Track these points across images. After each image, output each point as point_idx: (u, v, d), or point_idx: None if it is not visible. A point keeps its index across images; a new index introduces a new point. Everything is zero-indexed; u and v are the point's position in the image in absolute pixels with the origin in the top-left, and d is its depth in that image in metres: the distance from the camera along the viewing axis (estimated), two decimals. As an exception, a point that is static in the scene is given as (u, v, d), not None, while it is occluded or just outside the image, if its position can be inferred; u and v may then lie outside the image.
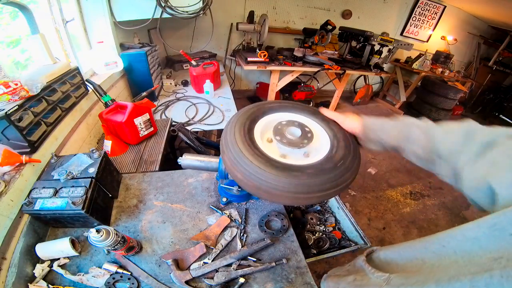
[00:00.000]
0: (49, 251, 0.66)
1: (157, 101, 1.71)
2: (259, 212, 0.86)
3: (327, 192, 0.53)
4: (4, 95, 0.71)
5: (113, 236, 0.57)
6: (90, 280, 0.63)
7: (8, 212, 0.64)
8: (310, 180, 0.52)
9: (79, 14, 1.40)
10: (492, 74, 4.74)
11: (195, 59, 1.93)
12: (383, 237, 1.96)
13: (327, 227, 1.16)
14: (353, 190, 2.37)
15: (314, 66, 2.77)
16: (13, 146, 0.72)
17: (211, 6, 1.84)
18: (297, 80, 3.16)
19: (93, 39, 1.51)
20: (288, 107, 0.72)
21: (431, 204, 2.39)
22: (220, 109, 1.64)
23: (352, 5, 3.49)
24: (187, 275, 0.65)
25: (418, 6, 3.81)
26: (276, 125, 0.64)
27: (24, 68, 1.07)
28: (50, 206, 0.65)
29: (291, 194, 0.52)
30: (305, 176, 0.52)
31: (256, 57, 2.56)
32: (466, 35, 4.46)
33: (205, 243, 0.73)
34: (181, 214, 0.82)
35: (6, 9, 0.98)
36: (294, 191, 0.51)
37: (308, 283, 0.66)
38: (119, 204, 0.84)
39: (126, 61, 1.52)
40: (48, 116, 0.88)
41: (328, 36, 3.01)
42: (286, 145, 0.59)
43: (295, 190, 0.51)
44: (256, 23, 2.75)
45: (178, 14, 1.64)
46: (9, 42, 1.02)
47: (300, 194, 0.52)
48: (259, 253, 0.73)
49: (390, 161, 2.86)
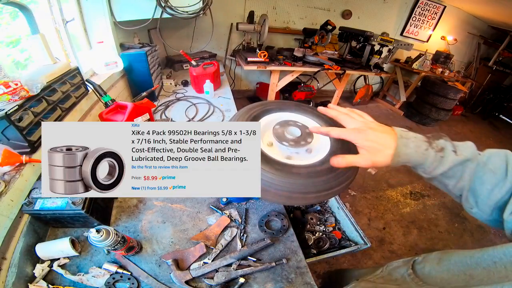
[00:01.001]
0: (49, 251, 0.66)
1: (157, 101, 1.70)
2: (259, 212, 0.86)
3: (325, 193, 0.53)
4: (4, 95, 0.71)
5: (113, 236, 0.57)
6: (90, 280, 0.63)
7: (8, 212, 0.64)
8: (307, 181, 0.52)
9: (79, 14, 1.40)
10: (492, 74, 4.74)
11: (195, 59, 1.93)
12: (383, 237, 1.96)
13: (327, 227, 1.16)
14: (353, 190, 2.37)
15: (314, 66, 2.77)
16: (13, 146, 0.72)
17: (211, 6, 1.84)
18: (297, 80, 3.16)
19: (93, 39, 1.51)
20: (288, 108, 0.72)
21: (431, 204, 2.39)
22: (220, 109, 1.64)
23: (352, 5, 3.49)
24: (187, 275, 0.65)
25: (418, 6, 3.82)
26: (275, 126, 0.64)
27: (24, 68, 1.07)
28: (50, 206, 0.65)
29: (291, 194, 0.52)
30: (303, 176, 0.52)
31: (256, 57, 2.56)
32: (466, 35, 4.47)
33: (205, 243, 0.73)
34: (181, 214, 0.82)
35: (6, 9, 0.98)
36: (292, 191, 0.51)
37: (308, 283, 0.67)
38: (119, 204, 0.84)
39: (126, 61, 1.52)
40: (48, 116, 0.88)
41: (328, 36, 3.01)
42: (287, 145, 0.59)
43: (292, 190, 0.51)
44: (256, 23, 2.75)
45: (178, 14, 1.64)
46: (8, 42, 1.02)
47: (297, 194, 0.52)
48: (259, 253, 0.73)
49: (390, 161, 2.85)
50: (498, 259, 0.33)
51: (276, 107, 0.70)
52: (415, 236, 2.03)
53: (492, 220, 0.43)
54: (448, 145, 0.44)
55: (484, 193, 0.42)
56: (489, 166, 0.42)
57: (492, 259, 0.34)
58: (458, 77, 4.09)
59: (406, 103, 4.22)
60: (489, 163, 0.42)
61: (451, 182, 0.46)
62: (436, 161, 0.44)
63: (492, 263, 0.34)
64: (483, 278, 0.34)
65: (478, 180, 0.43)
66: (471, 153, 0.43)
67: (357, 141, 0.46)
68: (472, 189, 0.44)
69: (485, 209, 0.42)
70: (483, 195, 0.42)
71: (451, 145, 0.44)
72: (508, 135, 4.34)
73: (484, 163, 0.43)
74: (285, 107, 0.71)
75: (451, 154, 0.43)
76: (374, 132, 0.45)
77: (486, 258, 0.35)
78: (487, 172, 0.42)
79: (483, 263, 0.35)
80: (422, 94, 3.96)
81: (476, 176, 0.43)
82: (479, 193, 0.43)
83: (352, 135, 0.47)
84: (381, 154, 0.45)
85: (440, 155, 0.43)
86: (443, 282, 0.40)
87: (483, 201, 0.42)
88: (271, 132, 0.63)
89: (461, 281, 0.37)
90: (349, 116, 0.50)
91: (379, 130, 0.46)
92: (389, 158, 0.44)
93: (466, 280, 0.36)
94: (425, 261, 0.47)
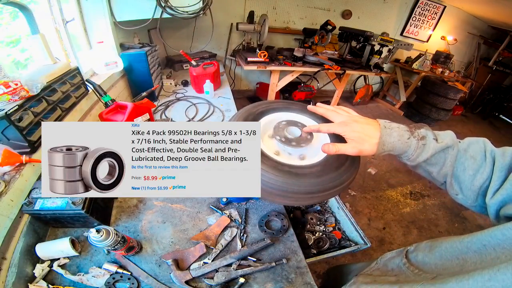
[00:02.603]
0: (49, 251, 0.66)
1: (157, 101, 1.70)
2: (259, 212, 0.86)
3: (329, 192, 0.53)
4: (4, 95, 0.71)
5: (113, 236, 0.57)
6: (90, 280, 0.63)
7: (8, 212, 0.64)
8: (312, 181, 0.52)
9: (79, 14, 1.40)
10: (492, 74, 4.74)
11: (195, 59, 1.93)
12: (383, 237, 1.96)
13: (327, 227, 1.16)
14: (353, 190, 2.37)
15: (314, 66, 2.77)
16: (13, 146, 0.72)
17: (211, 6, 1.84)
18: (297, 80, 3.16)
19: (93, 39, 1.51)
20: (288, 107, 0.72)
21: (431, 204, 2.39)
22: (220, 109, 1.64)
23: (352, 5, 3.49)
24: (187, 275, 0.65)
25: (418, 6, 3.82)
26: (276, 125, 0.64)
27: (24, 68, 1.07)
28: (50, 206, 0.65)
29: (291, 194, 0.52)
30: (308, 177, 0.52)
31: (256, 57, 2.56)
32: (466, 35, 4.47)
33: (205, 243, 0.73)
34: (181, 214, 0.82)
35: (6, 9, 0.98)
36: (292, 191, 0.51)
37: (308, 283, 0.67)
38: (119, 204, 0.84)
39: (126, 61, 1.52)
40: (48, 116, 0.88)
41: (328, 36, 3.01)
42: (288, 145, 0.59)
43: (293, 190, 0.51)
44: (256, 23, 2.75)
45: (178, 14, 1.64)
46: (9, 42, 1.02)
47: (298, 194, 0.52)
48: (259, 253, 0.73)
49: (390, 161, 2.86)
50: (486, 242, 0.35)
51: (270, 108, 0.69)
52: (415, 236, 2.03)
53: (478, 206, 0.46)
54: (429, 133, 0.48)
55: (467, 179, 0.45)
56: (470, 153, 0.45)
57: (481, 242, 0.35)
58: (458, 77, 4.09)
59: (406, 103, 4.22)
60: (469, 150, 0.45)
61: (434, 169, 0.49)
62: (419, 148, 0.47)
63: (482, 246, 0.35)
64: (476, 261, 0.35)
65: (460, 166, 0.45)
66: (451, 141, 0.47)
67: (344, 133, 0.50)
68: (455, 176, 0.47)
69: (470, 195, 0.45)
70: (467, 181, 0.45)
71: (432, 133, 0.48)
72: (508, 135, 4.34)
73: (464, 150, 0.46)
74: (278, 107, 0.70)
75: (432, 142, 0.46)
76: (359, 124, 0.50)
77: (475, 242, 0.36)
78: (468, 159, 0.45)
79: (473, 247, 0.36)
80: (422, 94, 3.96)
81: (458, 163, 0.46)
82: (462, 179, 0.45)
83: (339, 128, 0.51)
84: (367, 143, 0.48)
85: (422, 143, 0.47)
86: (438, 269, 0.40)
87: (467, 187, 0.45)
88: (272, 133, 0.62)
89: (455, 265, 0.38)
90: (336, 112, 0.55)
91: (363, 122, 0.50)
92: (374, 147, 0.48)
93: (460, 265, 0.37)
94: (417, 250, 0.49)
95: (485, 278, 0.29)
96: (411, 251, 0.50)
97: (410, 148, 0.47)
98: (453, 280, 0.32)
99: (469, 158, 0.45)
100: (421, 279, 0.40)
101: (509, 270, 0.27)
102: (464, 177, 0.45)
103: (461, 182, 0.46)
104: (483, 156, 0.44)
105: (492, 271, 0.29)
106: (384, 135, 0.48)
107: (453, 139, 0.47)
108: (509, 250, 0.32)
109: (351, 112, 0.56)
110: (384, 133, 0.48)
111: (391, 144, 0.48)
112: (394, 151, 0.49)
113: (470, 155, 0.45)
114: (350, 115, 0.54)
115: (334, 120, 0.54)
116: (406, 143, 0.47)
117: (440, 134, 0.48)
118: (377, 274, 0.55)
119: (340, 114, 0.54)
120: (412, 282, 0.40)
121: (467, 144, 0.46)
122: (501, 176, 0.41)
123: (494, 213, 0.41)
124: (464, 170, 0.45)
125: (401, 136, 0.47)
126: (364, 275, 0.59)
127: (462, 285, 0.31)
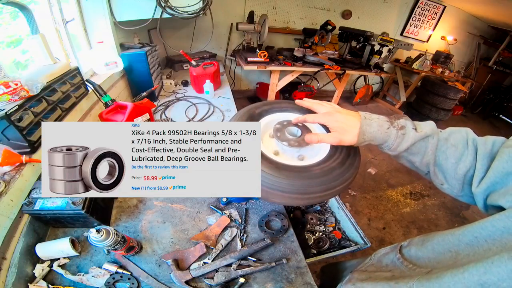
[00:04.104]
0: (49, 251, 0.66)
1: (157, 101, 1.70)
2: (259, 212, 0.86)
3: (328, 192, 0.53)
4: (4, 95, 0.71)
5: (113, 236, 0.57)
6: (90, 280, 0.63)
7: (8, 212, 0.64)
8: (311, 181, 0.52)
9: (79, 14, 1.40)
10: (492, 74, 4.74)
11: (195, 59, 1.93)
12: (383, 237, 1.96)
13: (327, 227, 1.16)
14: (353, 190, 2.37)
15: (314, 66, 2.77)
16: (13, 146, 0.72)
17: (211, 6, 1.84)
18: (297, 80, 3.16)
19: (93, 39, 1.51)
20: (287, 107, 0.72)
21: (431, 204, 2.39)
22: (220, 109, 1.64)
23: (352, 5, 3.49)
24: (187, 275, 0.65)
25: (418, 6, 3.82)
26: (276, 125, 0.64)
27: (24, 68, 1.07)
28: (50, 206, 0.65)
29: (291, 194, 0.52)
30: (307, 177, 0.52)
31: (256, 57, 2.56)
32: (466, 35, 4.47)
33: (205, 243, 0.73)
34: (181, 214, 0.82)
35: (6, 9, 0.98)
36: (292, 192, 0.51)
37: (308, 283, 0.67)
38: (119, 204, 0.84)
39: (126, 61, 1.52)
40: (48, 116, 0.88)
41: (328, 36, 3.01)
42: (287, 145, 0.59)
43: (293, 190, 0.51)
44: (256, 23, 2.75)
45: (178, 14, 1.64)
46: (9, 42, 1.02)
47: (297, 194, 0.52)
48: (259, 253, 0.73)
49: (390, 161, 2.86)
50: (478, 234, 0.35)
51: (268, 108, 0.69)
52: (415, 236, 2.03)
53: (465, 195, 0.47)
54: (408, 123, 0.49)
55: (450, 167, 0.45)
56: (451, 142, 0.46)
57: (472, 234, 0.36)
58: (458, 77, 4.09)
59: (406, 103, 4.22)
60: (451, 138, 0.46)
61: (417, 159, 0.50)
62: (398, 138, 0.48)
63: (474, 238, 0.35)
64: (469, 253, 0.35)
65: (442, 155, 0.46)
66: (431, 130, 0.47)
67: (327, 123, 0.53)
68: (438, 164, 0.47)
69: (455, 184, 0.46)
70: (450, 169, 0.45)
71: (411, 123, 0.49)
72: (508, 135, 4.25)
73: (445, 139, 0.46)
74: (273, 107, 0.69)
75: (411, 131, 0.47)
76: (341, 114, 0.52)
77: (467, 234, 0.37)
78: (450, 147, 0.45)
79: (465, 239, 0.37)
80: (422, 94, 3.96)
81: (440, 151, 0.46)
82: (445, 168, 0.46)
83: (323, 118, 0.54)
84: (348, 133, 0.51)
85: (401, 132, 0.48)
86: (432, 262, 0.41)
87: (450, 175, 0.46)
88: (272, 134, 0.62)
89: (448, 258, 0.38)
90: (321, 104, 0.59)
91: (345, 113, 0.53)
92: (355, 136, 0.50)
93: (453, 257, 0.37)
94: (410, 245, 0.49)
95: (481, 271, 0.29)
96: (404, 246, 0.51)
97: (390, 138, 0.49)
98: (448, 274, 0.32)
99: (451, 146, 0.45)
100: (415, 274, 0.40)
101: (503, 263, 0.28)
102: (447, 165, 0.46)
103: (444, 171, 0.47)
104: (465, 144, 0.44)
105: (486, 264, 0.29)
106: (364, 125, 0.49)
107: (433, 129, 0.48)
108: (499, 241, 0.32)
109: (334, 105, 0.59)
110: (364, 123, 0.50)
111: (371, 134, 0.49)
112: (375, 140, 0.51)
113: (452, 144, 0.45)
114: (333, 107, 0.57)
115: (319, 111, 0.57)
116: (386, 133, 0.49)
117: (420, 124, 0.49)
118: (372, 270, 0.55)
119: (324, 106, 0.58)
120: (407, 277, 0.40)
121: (448, 133, 0.47)
122: (484, 164, 0.41)
123: (482, 202, 0.42)
124: (447, 159, 0.45)
125: (380, 126, 0.49)
126: (359, 271, 0.59)
127: (457, 279, 0.31)
